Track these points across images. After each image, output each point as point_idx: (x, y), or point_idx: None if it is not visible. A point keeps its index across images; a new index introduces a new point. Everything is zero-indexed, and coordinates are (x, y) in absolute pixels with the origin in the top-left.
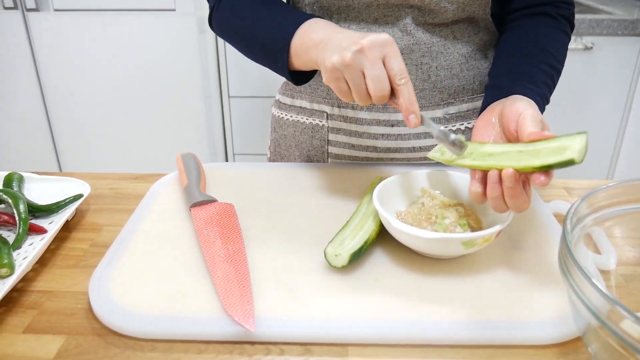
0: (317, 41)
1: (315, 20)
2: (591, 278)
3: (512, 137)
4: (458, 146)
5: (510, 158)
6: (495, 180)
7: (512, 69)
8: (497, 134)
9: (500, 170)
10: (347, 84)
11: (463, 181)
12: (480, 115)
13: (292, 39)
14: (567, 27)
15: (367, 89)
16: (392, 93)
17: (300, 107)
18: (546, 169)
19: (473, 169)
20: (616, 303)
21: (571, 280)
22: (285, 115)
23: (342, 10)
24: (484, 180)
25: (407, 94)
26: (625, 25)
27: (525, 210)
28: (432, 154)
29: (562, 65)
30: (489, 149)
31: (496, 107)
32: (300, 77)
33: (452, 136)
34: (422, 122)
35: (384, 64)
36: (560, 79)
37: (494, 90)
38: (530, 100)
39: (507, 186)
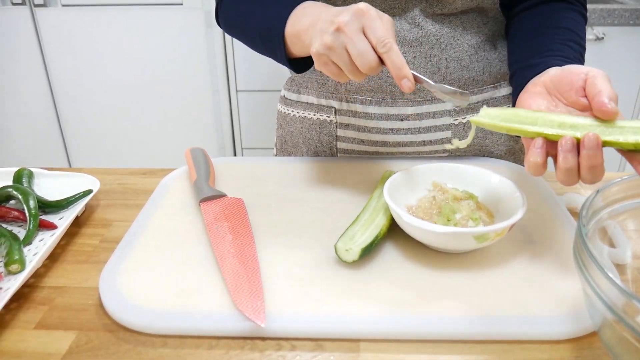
0: (306, 26)
1: (304, 5)
2: (607, 272)
3: (573, 99)
4: (460, 96)
5: (604, 132)
6: (569, 148)
7: (542, 47)
8: (548, 103)
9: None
10: (337, 66)
11: (475, 174)
12: (521, 94)
13: (285, 27)
14: (581, 8)
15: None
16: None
17: (307, 102)
18: None
19: (527, 138)
20: (633, 297)
21: (586, 274)
22: (292, 111)
23: (349, 2)
24: (545, 149)
25: (393, 60)
26: (637, 15)
27: (599, 180)
28: (477, 119)
29: (585, 45)
30: (569, 120)
31: (539, 80)
32: (302, 65)
33: (450, 88)
34: (417, 82)
35: (366, 35)
36: None
37: (526, 70)
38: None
39: (588, 154)
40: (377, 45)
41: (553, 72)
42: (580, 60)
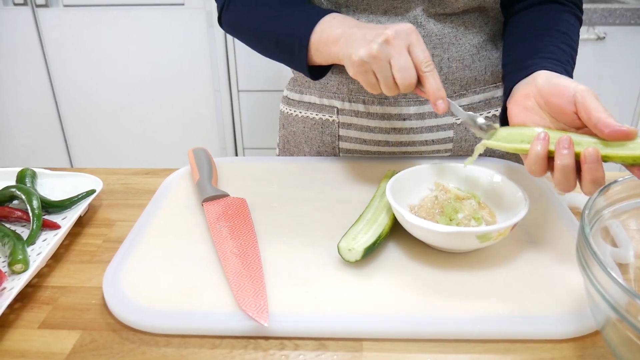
0: (337, 36)
1: (333, 16)
2: (610, 271)
3: (568, 120)
4: (485, 130)
5: (605, 146)
6: (566, 145)
7: (533, 49)
8: (543, 120)
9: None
10: (375, 76)
11: (477, 173)
12: (512, 102)
13: (311, 35)
14: (576, 10)
15: (394, 79)
16: (418, 81)
17: (310, 102)
18: None
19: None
20: (636, 296)
21: (589, 273)
22: (294, 111)
23: (352, 2)
24: (546, 140)
25: (433, 81)
26: (638, 15)
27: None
28: (487, 142)
29: (577, 48)
30: (574, 138)
31: (528, 89)
32: (317, 72)
33: (480, 120)
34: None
35: (409, 53)
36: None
37: (518, 72)
38: (567, 77)
39: (589, 168)
40: (422, 64)
41: (541, 85)
42: (570, 64)
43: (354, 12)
